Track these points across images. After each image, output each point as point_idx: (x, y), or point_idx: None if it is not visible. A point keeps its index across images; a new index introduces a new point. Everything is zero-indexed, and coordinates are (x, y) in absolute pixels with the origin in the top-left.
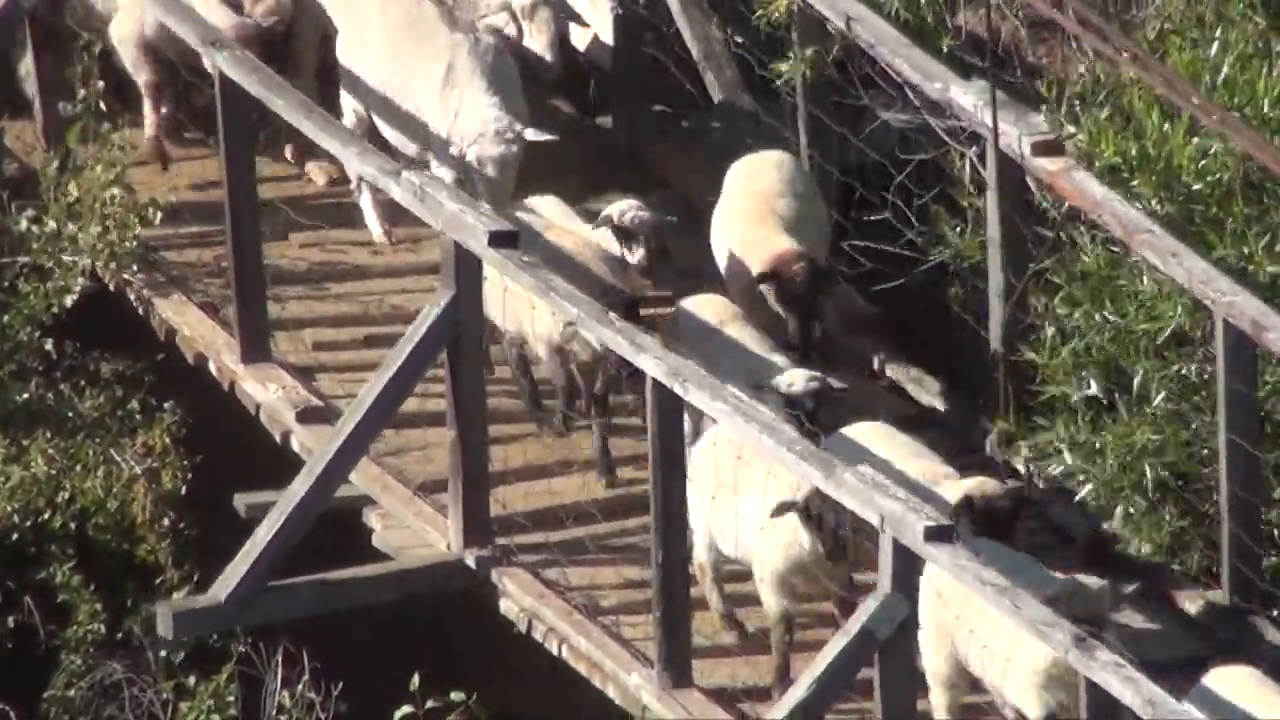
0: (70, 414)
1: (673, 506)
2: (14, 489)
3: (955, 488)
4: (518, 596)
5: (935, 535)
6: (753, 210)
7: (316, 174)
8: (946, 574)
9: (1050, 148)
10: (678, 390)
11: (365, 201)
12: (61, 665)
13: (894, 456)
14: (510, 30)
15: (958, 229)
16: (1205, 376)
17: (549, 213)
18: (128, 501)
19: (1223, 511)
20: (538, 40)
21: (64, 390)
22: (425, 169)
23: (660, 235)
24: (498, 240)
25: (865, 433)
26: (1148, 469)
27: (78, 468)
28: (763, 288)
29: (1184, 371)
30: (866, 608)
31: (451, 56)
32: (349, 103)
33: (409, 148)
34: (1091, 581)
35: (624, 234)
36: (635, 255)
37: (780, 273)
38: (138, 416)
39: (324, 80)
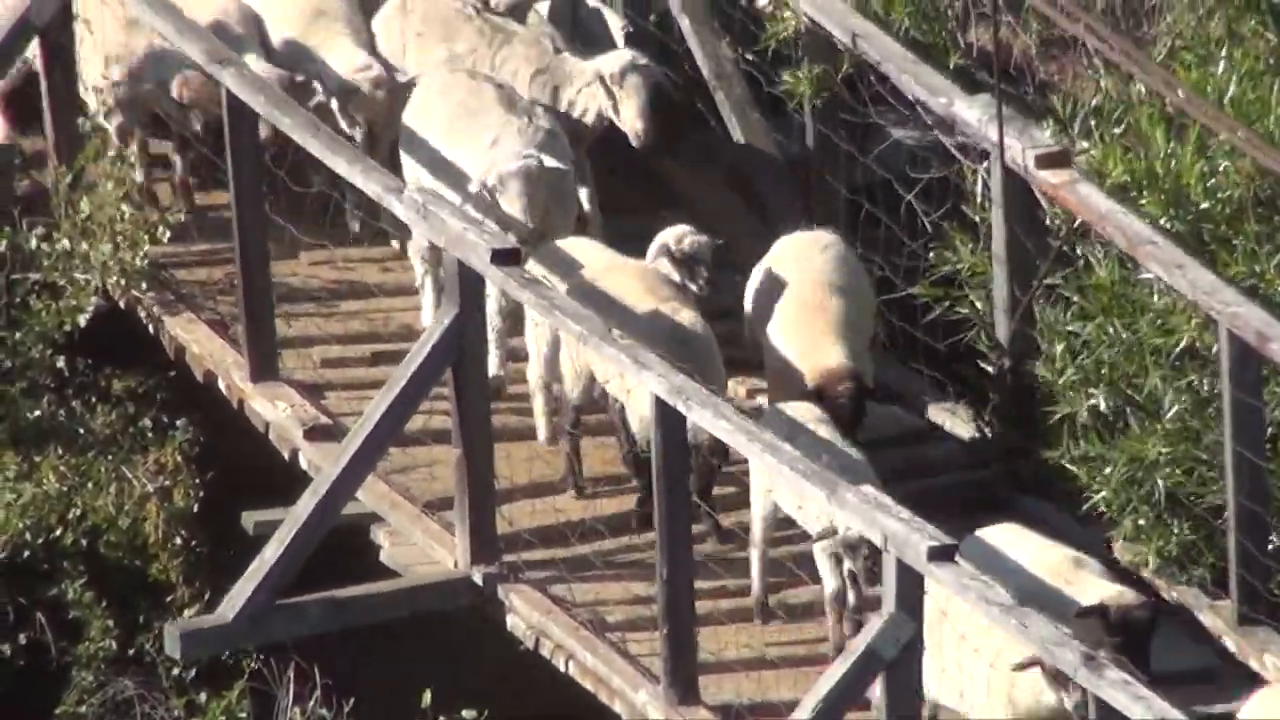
0: (82, 431)
1: (676, 523)
2: (26, 506)
3: (1090, 583)
4: (525, 613)
5: (939, 555)
6: (803, 302)
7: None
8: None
9: (1055, 160)
10: (680, 408)
11: (426, 293)
12: (73, 682)
13: (1026, 552)
14: (605, 103)
15: (968, 245)
16: (1217, 390)
17: (587, 252)
18: (139, 519)
19: (1230, 522)
20: (628, 106)
21: (76, 407)
22: None
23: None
24: (500, 258)
25: (997, 534)
26: (1159, 481)
27: (89, 485)
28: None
29: (1196, 385)
30: (871, 628)
31: (499, 133)
32: (408, 170)
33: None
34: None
35: (686, 260)
36: (698, 281)
37: (826, 391)
38: (149, 434)
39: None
